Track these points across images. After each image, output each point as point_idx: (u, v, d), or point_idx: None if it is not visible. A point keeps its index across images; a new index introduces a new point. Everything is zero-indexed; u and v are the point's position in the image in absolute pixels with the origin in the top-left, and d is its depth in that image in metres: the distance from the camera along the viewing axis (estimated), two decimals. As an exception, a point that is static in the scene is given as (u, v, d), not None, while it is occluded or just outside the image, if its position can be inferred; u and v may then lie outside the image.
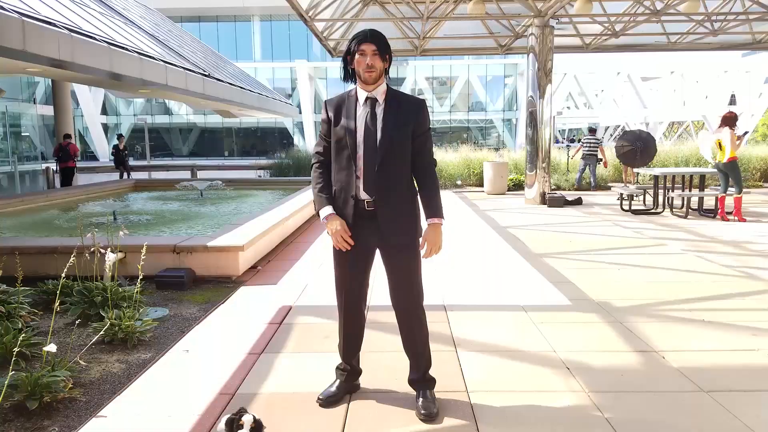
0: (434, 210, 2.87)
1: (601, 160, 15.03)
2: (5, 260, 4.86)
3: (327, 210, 2.86)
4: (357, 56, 2.78)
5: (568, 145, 19.72)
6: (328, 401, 3.02)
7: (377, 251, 2.96)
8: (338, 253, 2.94)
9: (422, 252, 2.89)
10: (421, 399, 2.92)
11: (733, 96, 36.57)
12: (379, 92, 2.85)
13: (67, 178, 15.51)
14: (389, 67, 2.87)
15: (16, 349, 2.93)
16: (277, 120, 43.65)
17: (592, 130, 15.90)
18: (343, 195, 2.86)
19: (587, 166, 15.14)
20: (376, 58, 2.77)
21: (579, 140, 19.92)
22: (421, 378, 2.99)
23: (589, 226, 9.12)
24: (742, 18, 13.24)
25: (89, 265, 4.60)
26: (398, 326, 3.01)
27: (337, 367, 3.14)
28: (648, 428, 2.75)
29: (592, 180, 15.16)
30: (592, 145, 14.97)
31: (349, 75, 2.88)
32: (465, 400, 3.05)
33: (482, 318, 4.47)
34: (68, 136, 16.20)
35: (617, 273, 5.95)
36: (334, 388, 3.08)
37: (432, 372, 3.02)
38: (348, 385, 3.13)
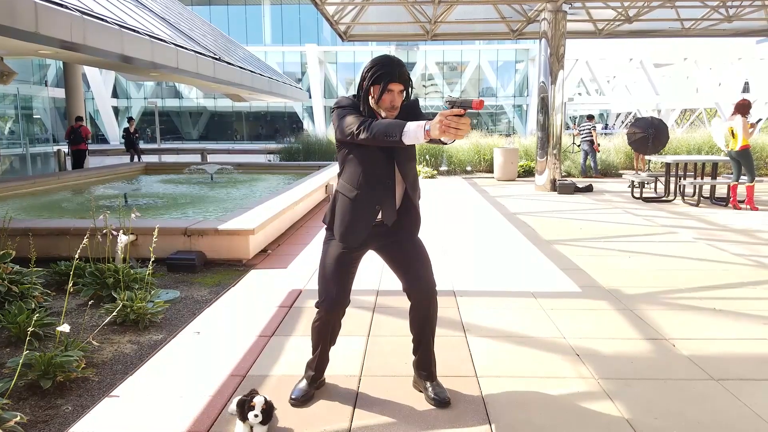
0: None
1: (598, 144, 14.99)
2: (19, 241, 4.92)
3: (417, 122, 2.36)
4: (384, 94, 2.58)
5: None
6: (301, 400, 2.87)
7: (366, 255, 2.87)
8: (328, 254, 2.78)
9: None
10: (430, 385, 2.92)
11: (746, 83, 36.16)
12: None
13: (78, 161, 15.61)
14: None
15: (29, 329, 2.96)
16: (287, 104, 43.61)
17: (590, 117, 15.45)
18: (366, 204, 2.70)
19: (587, 154, 15.05)
20: (401, 97, 2.63)
21: (576, 125, 19.74)
22: (428, 367, 2.93)
23: (600, 214, 9.08)
24: (758, 4, 13.02)
25: (101, 246, 4.65)
26: (413, 319, 2.86)
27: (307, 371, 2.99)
28: (658, 416, 2.75)
29: (593, 165, 15.09)
30: (587, 131, 14.86)
31: (364, 98, 2.66)
32: (474, 385, 3.06)
33: (492, 304, 4.47)
34: (80, 118, 16.28)
35: (628, 260, 5.93)
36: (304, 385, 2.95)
37: (441, 357, 3.02)
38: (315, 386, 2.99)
